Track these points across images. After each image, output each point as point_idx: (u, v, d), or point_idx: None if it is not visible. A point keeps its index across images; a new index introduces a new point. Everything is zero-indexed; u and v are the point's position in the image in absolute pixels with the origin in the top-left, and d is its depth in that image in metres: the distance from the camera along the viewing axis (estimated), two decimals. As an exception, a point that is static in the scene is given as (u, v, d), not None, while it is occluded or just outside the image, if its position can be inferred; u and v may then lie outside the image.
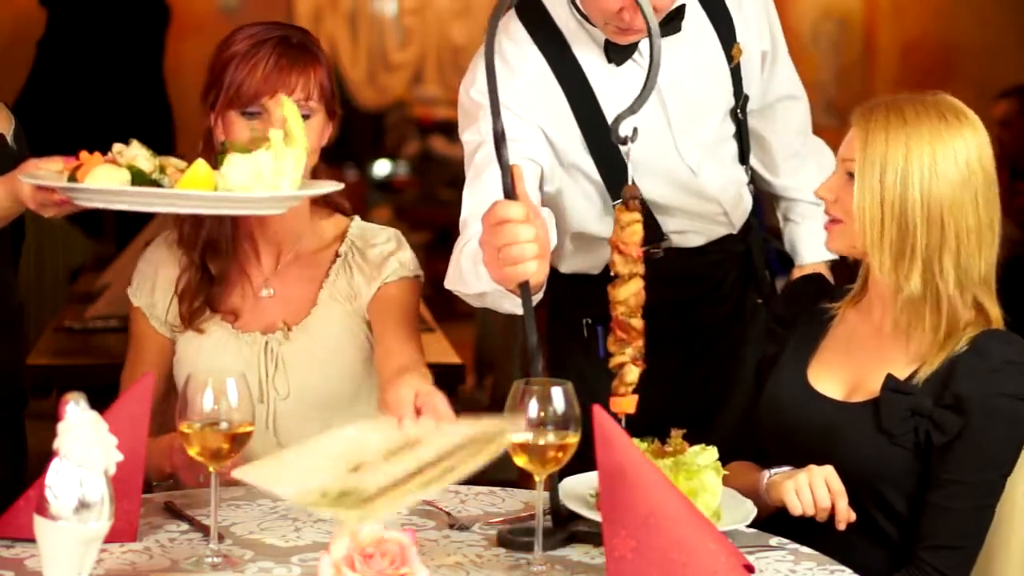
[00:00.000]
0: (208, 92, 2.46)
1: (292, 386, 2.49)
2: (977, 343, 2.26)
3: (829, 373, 2.39)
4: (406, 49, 10.79)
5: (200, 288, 2.50)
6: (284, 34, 2.45)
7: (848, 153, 2.31)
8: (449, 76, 10.85)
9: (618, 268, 2.25)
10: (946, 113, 2.28)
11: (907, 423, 2.26)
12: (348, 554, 1.77)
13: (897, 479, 2.28)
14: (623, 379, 2.25)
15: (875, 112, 2.29)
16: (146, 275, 2.57)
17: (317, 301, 2.54)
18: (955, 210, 2.26)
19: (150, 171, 2.15)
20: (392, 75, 10.72)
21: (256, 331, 2.51)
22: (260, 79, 2.40)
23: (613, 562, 1.91)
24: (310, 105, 2.43)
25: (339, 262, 2.56)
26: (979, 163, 2.30)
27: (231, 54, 2.43)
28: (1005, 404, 2.22)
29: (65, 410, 1.71)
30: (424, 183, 9.96)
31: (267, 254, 2.56)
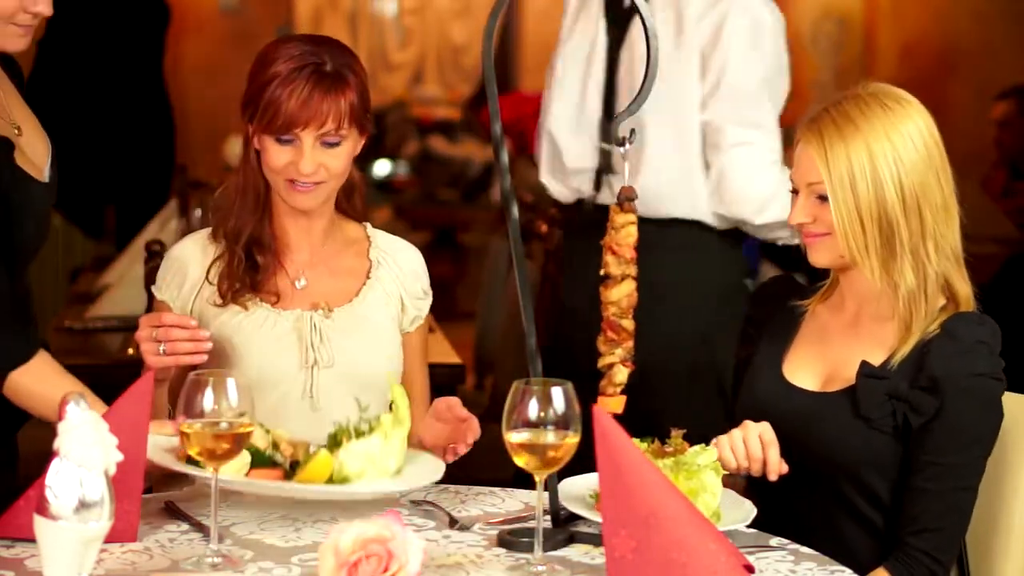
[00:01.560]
0: (247, 104, 2.54)
1: (336, 357, 2.54)
2: (948, 326, 2.30)
3: (804, 367, 2.42)
4: (406, 49, 10.80)
5: (245, 273, 2.56)
6: (320, 60, 2.50)
7: (812, 176, 2.33)
8: (449, 76, 10.86)
9: (611, 269, 2.25)
10: (887, 102, 2.33)
11: (884, 407, 2.29)
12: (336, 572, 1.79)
13: (879, 464, 2.30)
14: (612, 379, 2.26)
15: (824, 125, 2.32)
16: (173, 271, 2.60)
17: (359, 294, 2.61)
18: (926, 193, 2.31)
19: (265, 448, 2.24)
20: (392, 75, 10.73)
21: (298, 308, 2.56)
22: (292, 109, 2.47)
23: (613, 562, 1.91)
24: (340, 133, 2.51)
25: (377, 269, 2.64)
26: (932, 139, 2.34)
27: (272, 74, 2.49)
28: (979, 383, 2.26)
29: (65, 410, 1.72)
30: (424, 183, 9.96)
31: (299, 251, 2.61)
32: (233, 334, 2.54)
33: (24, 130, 2.60)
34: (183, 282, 2.59)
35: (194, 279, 2.59)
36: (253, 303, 2.56)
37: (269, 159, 2.52)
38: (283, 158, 2.50)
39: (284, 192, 2.54)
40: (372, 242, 2.68)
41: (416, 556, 1.80)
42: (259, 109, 2.50)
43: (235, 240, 2.57)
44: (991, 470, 2.39)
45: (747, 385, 2.47)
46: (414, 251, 2.72)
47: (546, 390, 1.98)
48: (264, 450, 2.24)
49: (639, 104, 2.25)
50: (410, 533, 1.82)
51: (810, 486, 2.34)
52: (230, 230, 2.58)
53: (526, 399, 1.98)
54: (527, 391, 1.98)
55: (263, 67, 2.52)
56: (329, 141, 2.50)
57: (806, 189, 2.34)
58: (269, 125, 2.49)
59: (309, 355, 2.54)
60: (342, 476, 2.19)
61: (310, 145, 2.49)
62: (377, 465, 2.21)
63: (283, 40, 2.57)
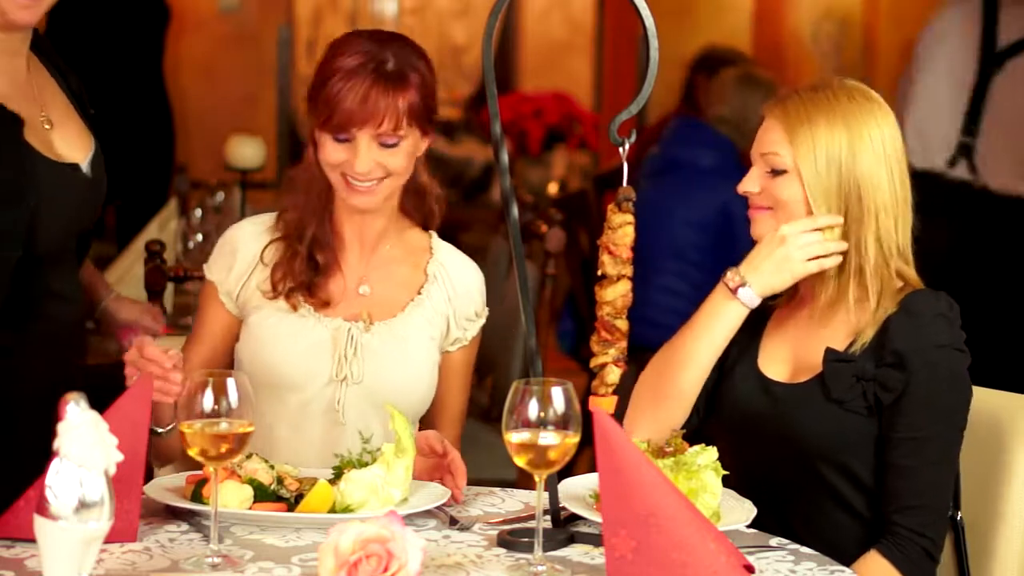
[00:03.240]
0: (310, 96, 2.51)
1: (366, 375, 2.51)
2: (905, 303, 2.35)
3: (775, 360, 2.45)
4: (406, 49, 10.79)
5: (303, 272, 2.54)
6: (383, 58, 2.46)
7: (769, 147, 2.38)
8: (449, 76, 10.85)
9: (606, 269, 2.26)
10: (855, 96, 2.40)
11: (854, 389, 2.32)
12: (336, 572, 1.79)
13: (856, 446, 2.33)
14: (604, 379, 2.26)
15: (791, 104, 2.38)
16: (225, 252, 2.59)
17: (405, 310, 2.57)
18: (875, 188, 2.36)
19: (269, 483, 2.25)
20: (392, 75, 10.72)
21: (339, 317, 2.54)
22: (349, 108, 2.44)
23: (613, 562, 1.91)
24: (398, 133, 2.47)
25: (431, 285, 2.60)
26: (891, 142, 2.39)
27: (334, 70, 2.46)
28: (942, 355, 2.30)
29: (65, 410, 1.72)
30: (424, 183, 9.95)
31: (354, 252, 2.59)
32: (270, 333, 2.52)
33: (59, 125, 2.64)
34: (232, 265, 2.57)
35: (245, 263, 2.56)
36: (301, 304, 2.53)
37: (325, 155, 2.49)
38: (338, 156, 2.47)
39: (342, 190, 2.51)
40: (433, 255, 2.63)
41: (416, 556, 1.80)
42: (319, 104, 2.47)
43: (298, 237, 2.55)
44: (990, 470, 2.39)
45: (725, 383, 2.48)
46: (474, 270, 2.67)
47: (546, 390, 1.98)
48: (268, 485, 2.24)
49: (639, 104, 2.26)
50: (410, 533, 1.82)
51: (793, 476, 2.36)
52: (293, 225, 2.56)
53: (526, 399, 1.98)
54: (527, 391, 1.98)
55: (328, 61, 2.49)
56: (387, 142, 2.46)
57: (760, 160, 2.40)
58: (326, 122, 2.46)
59: (341, 369, 2.51)
60: (344, 506, 2.20)
61: (365, 145, 2.45)
62: (380, 495, 2.21)
63: (354, 34, 2.53)
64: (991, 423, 2.42)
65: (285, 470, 2.29)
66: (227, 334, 2.59)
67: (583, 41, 10.48)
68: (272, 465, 2.28)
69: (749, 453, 2.39)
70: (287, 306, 2.53)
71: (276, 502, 2.23)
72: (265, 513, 2.19)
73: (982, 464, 2.38)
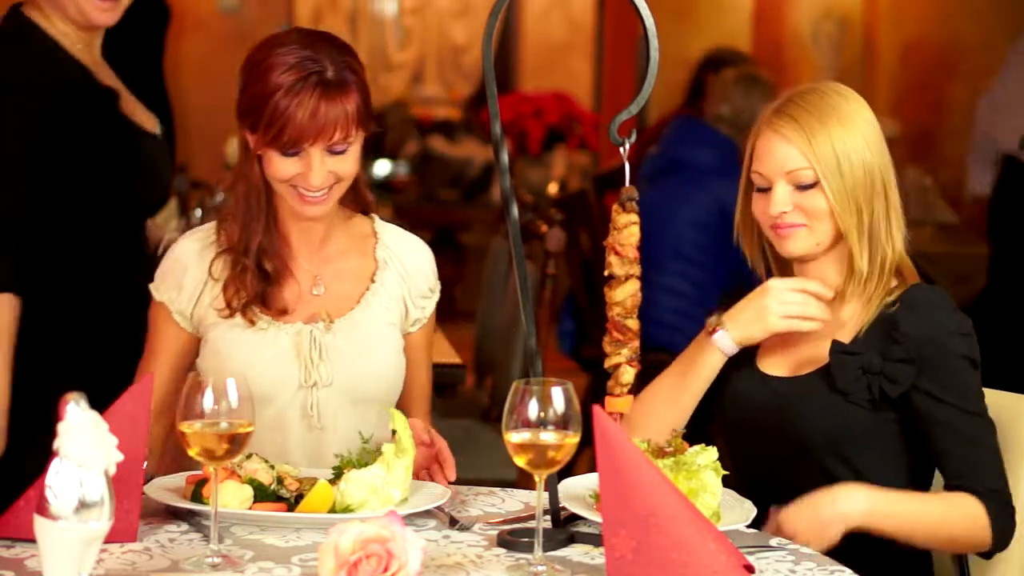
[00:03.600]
0: (246, 113, 2.45)
1: (335, 375, 2.50)
2: (906, 298, 2.36)
3: (774, 358, 2.46)
4: (406, 49, 10.80)
5: (255, 285, 2.50)
6: (321, 66, 2.41)
7: (790, 164, 2.36)
8: (449, 76, 10.86)
9: (614, 269, 2.26)
10: (842, 91, 2.41)
11: (859, 382, 2.33)
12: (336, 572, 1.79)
13: (858, 439, 2.34)
14: (619, 379, 2.26)
15: (797, 114, 2.37)
16: (171, 272, 2.55)
17: (361, 301, 2.55)
18: (888, 174, 2.39)
19: (269, 483, 2.25)
20: (392, 75, 10.73)
21: (298, 321, 2.52)
22: (300, 125, 2.39)
23: (613, 562, 1.91)
24: (348, 140, 2.44)
25: (382, 271, 2.58)
26: (877, 124, 2.42)
27: (274, 86, 2.40)
28: (953, 340, 2.32)
29: (65, 410, 1.71)
30: (424, 183, 9.96)
31: (303, 254, 2.56)
32: (232, 346, 2.49)
33: (126, 99, 2.89)
34: (181, 284, 2.53)
35: (195, 282, 2.53)
36: (259, 317, 2.50)
37: (274, 171, 2.45)
38: (289, 170, 2.43)
39: (293, 201, 2.47)
40: (380, 239, 2.62)
41: (416, 556, 1.80)
42: (262, 122, 2.41)
43: (244, 251, 2.50)
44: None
45: (723, 389, 2.49)
46: (422, 248, 2.66)
47: (546, 390, 1.97)
48: (268, 485, 2.24)
49: (639, 104, 2.26)
50: (410, 533, 1.82)
51: (795, 472, 2.36)
52: (238, 241, 2.51)
53: (526, 399, 1.98)
54: (527, 391, 1.98)
55: (260, 75, 2.43)
56: (336, 150, 2.43)
57: (785, 178, 2.37)
58: (275, 140, 2.41)
59: (308, 374, 2.49)
60: (344, 506, 2.20)
61: (318, 158, 2.42)
62: (380, 495, 2.20)
63: (275, 43, 2.46)
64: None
65: (285, 470, 2.29)
66: (186, 352, 2.56)
67: (583, 41, 10.49)
68: (272, 465, 2.28)
69: (750, 451, 2.40)
70: (244, 322, 2.49)
71: (276, 502, 2.23)
72: (265, 513, 2.19)
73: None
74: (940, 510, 2.27)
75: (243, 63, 2.49)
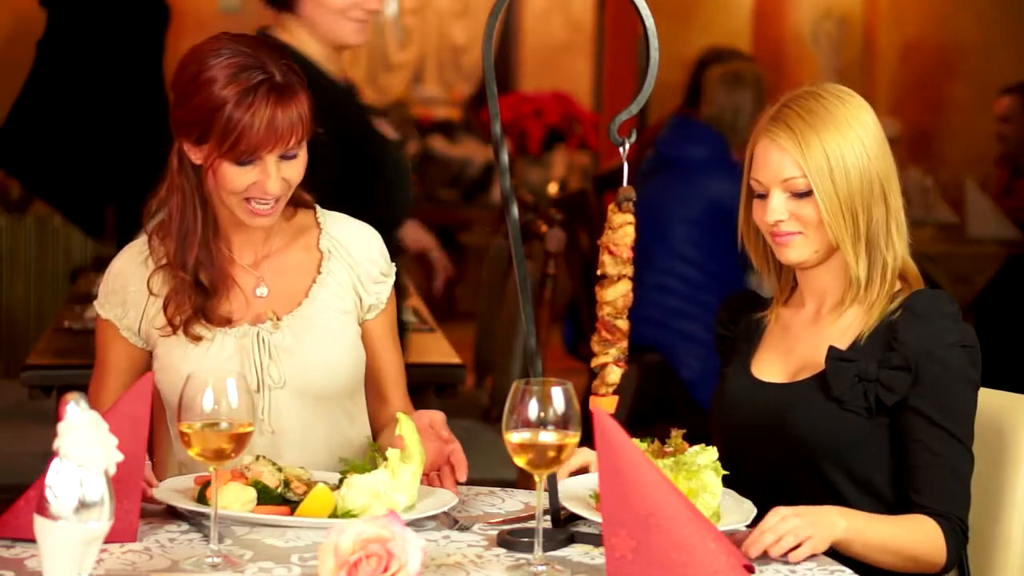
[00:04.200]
0: (191, 126, 2.39)
1: (286, 375, 2.47)
2: (909, 304, 2.34)
3: (771, 364, 2.45)
4: (406, 49, 10.80)
5: (194, 300, 2.45)
6: (267, 72, 2.37)
7: (786, 172, 2.35)
8: (449, 76, 10.86)
9: (607, 269, 2.26)
10: (840, 95, 2.39)
11: (855, 389, 2.32)
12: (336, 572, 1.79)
13: (855, 444, 2.33)
14: (604, 379, 2.26)
15: (791, 120, 2.35)
16: (114, 289, 2.51)
17: (308, 294, 2.51)
18: (889, 178, 2.37)
19: (275, 486, 2.23)
20: (392, 75, 10.73)
21: (245, 323, 2.48)
22: (257, 134, 2.34)
23: (613, 562, 1.91)
24: (300, 144, 2.40)
25: (328, 261, 2.54)
26: (880, 128, 2.39)
27: (221, 97, 2.35)
28: (953, 354, 2.30)
29: (65, 410, 1.71)
30: (424, 183, 9.96)
31: (245, 259, 2.52)
32: (180, 362, 2.43)
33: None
34: (125, 300, 2.49)
35: (139, 297, 2.49)
36: (201, 332, 2.45)
37: (227, 182, 2.39)
38: (245, 180, 2.38)
39: (242, 212, 2.42)
40: (323, 229, 2.56)
41: (416, 556, 1.80)
42: (213, 134, 2.35)
43: (181, 267, 2.44)
44: (991, 470, 2.39)
45: (717, 394, 2.50)
46: (368, 232, 2.59)
47: (546, 390, 1.97)
48: (275, 488, 2.23)
49: (639, 104, 2.25)
50: (410, 533, 1.82)
51: (793, 477, 2.36)
52: (174, 256, 2.45)
53: (526, 399, 1.98)
54: (527, 391, 1.98)
55: (201, 86, 2.37)
56: (289, 155, 2.39)
57: (781, 186, 2.36)
58: (231, 151, 2.35)
59: (261, 377, 2.45)
60: (345, 511, 2.18)
61: (274, 166, 2.37)
62: (383, 500, 2.18)
63: (209, 51, 2.40)
64: (991, 423, 2.42)
65: (296, 473, 2.27)
66: (139, 367, 2.52)
67: (583, 41, 10.49)
68: (280, 468, 2.26)
69: (748, 455, 2.38)
70: (187, 339, 2.45)
71: (281, 505, 2.22)
72: (264, 516, 2.18)
73: (982, 464, 2.38)
74: (909, 534, 2.23)
75: (176, 75, 2.43)
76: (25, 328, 6.55)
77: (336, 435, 2.52)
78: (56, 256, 6.76)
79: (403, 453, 2.21)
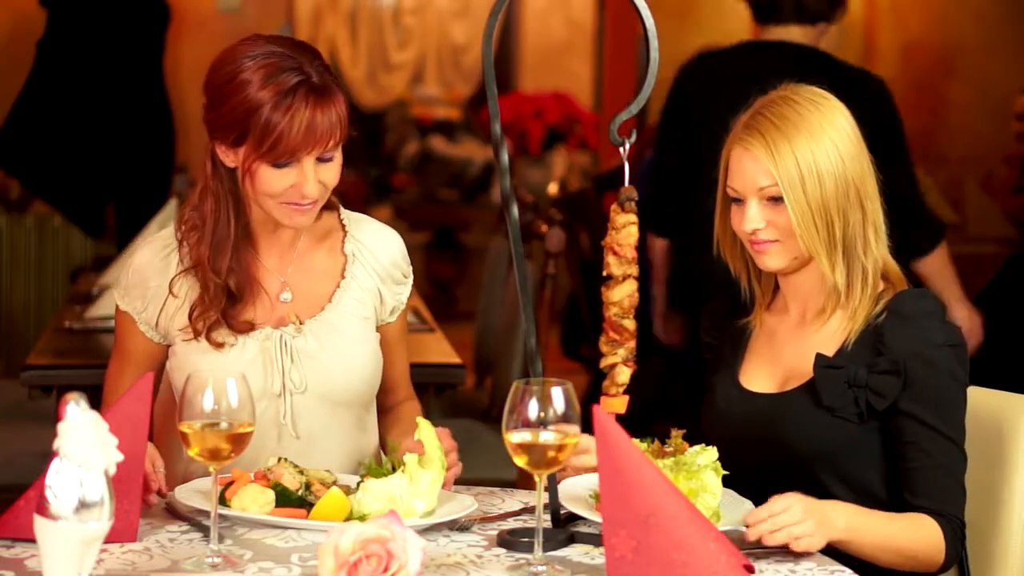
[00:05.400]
0: (227, 128, 2.36)
1: (308, 380, 2.46)
2: (893, 306, 2.34)
3: (759, 373, 2.44)
4: (406, 49, 10.80)
5: (221, 306, 2.44)
6: (304, 72, 2.34)
7: (761, 180, 2.33)
8: (449, 76, 10.86)
9: (612, 269, 2.25)
10: (815, 99, 2.36)
11: (846, 396, 2.31)
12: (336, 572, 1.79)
13: (847, 450, 2.33)
14: (614, 380, 2.25)
15: (764, 128, 2.34)
16: (134, 283, 2.50)
17: (332, 299, 2.51)
18: (864, 182, 2.35)
19: (296, 488, 2.22)
20: (392, 75, 10.73)
21: (267, 326, 2.47)
22: (297, 136, 2.32)
23: (613, 562, 1.91)
24: (337, 147, 2.39)
25: (352, 265, 2.53)
26: (855, 130, 2.37)
27: (258, 98, 2.32)
28: (939, 354, 2.29)
29: (65, 410, 1.71)
30: (424, 183, 9.97)
31: (271, 262, 2.51)
32: (200, 361, 2.42)
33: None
34: (145, 295, 2.48)
35: (158, 292, 2.47)
36: (224, 338, 2.43)
37: (264, 185, 2.37)
38: (283, 182, 2.36)
39: (280, 213, 2.40)
40: (347, 232, 2.55)
41: (416, 556, 1.80)
42: (251, 137, 2.33)
43: (215, 272, 2.42)
44: (990, 470, 2.39)
45: (707, 404, 2.49)
46: (391, 236, 2.58)
47: (546, 390, 1.97)
48: (295, 491, 2.22)
49: (638, 104, 2.25)
50: (410, 533, 1.82)
51: (787, 483, 2.34)
52: (209, 260, 2.43)
53: (526, 399, 1.98)
54: (527, 391, 1.98)
55: (237, 88, 2.34)
56: (325, 157, 2.37)
57: (757, 194, 2.34)
58: (269, 153, 2.33)
59: (279, 381, 2.44)
60: (360, 515, 2.17)
61: (311, 168, 2.36)
62: (399, 506, 2.16)
63: (243, 53, 2.37)
64: (991, 423, 2.42)
65: (319, 476, 2.26)
66: (155, 359, 2.52)
67: (583, 41, 10.49)
68: (301, 471, 2.25)
69: (740, 465, 2.35)
70: (209, 345, 2.43)
71: (299, 507, 2.20)
72: (277, 519, 2.17)
73: (982, 464, 2.38)
74: (908, 532, 2.24)
75: (210, 77, 2.40)
76: (25, 328, 6.56)
77: (348, 443, 2.52)
78: (56, 256, 6.76)
79: (422, 458, 2.20)
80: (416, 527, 2.10)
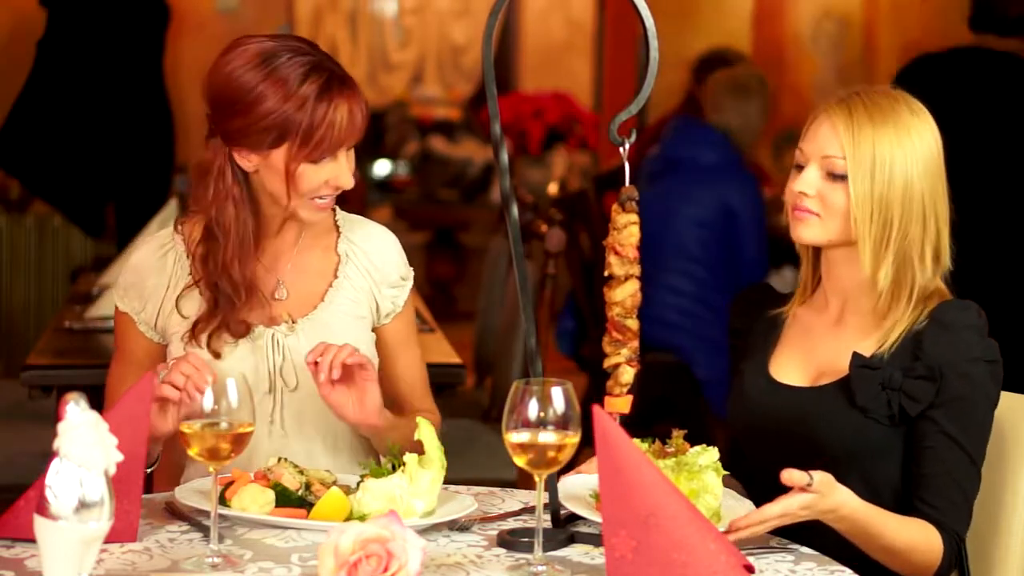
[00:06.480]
0: (263, 132, 2.35)
1: (300, 378, 2.46)
2: (936, 315, 2.32)
3: (791, 366, 2.43)
4: (406, 49, 10.80)
5: (224, 314, 2.43)
6: (329, 64, 2.35)
7: (830, 149, 2.31)
8: (449, 76, 10.86)
9: (614, 269, 2.25)
10: (912, 106, 2.35)
11: (879, 398, 2.30)
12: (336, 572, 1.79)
13: (876, 452, 2.32)
14: (618, 380, 2.25)
15: (854, 106, 2.32)
16: (132, 283, 2.50)
17: (324, 298, 2.51)
18: (935, 203, 2.33)
19: (295, 488, 2.22)
20: (392, 75, 10.74)
21: (260, 325, 2.48)
22: (340, 132, 2.34)
23: (613, 562, 1.91)
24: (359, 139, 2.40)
25: (345, 265, 2.53)
26: (941, 156, 2.35)
27: (300, 99, 2.32)
28: (976, 368, 2.28)
29: (65, 410, 1.71)
30: (424, 183, 9.97)
31: (269, 259, 2.51)
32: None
33: None
34: (143, 294, 2.49)
35: (156, 291, 2.48)
36: (222, 346, 2.43)
37: (304, 183, 2.37)
38: (321, 177, 2.37)
39: (306, 209, 2.41)
40: (341, 233, 2.55)
41: (416, 556, 1.80)
42: (291, 135, 2.33)
43: (226, 280, 2.42)
44: (991, 470, 2.39)
45: (735, 391, 2.48)
46: (387, 237, 2.58)
47: (546, 390, 1.97)
48: (295, 491, 2.22)
49: (638, 104, 2.25)
50: (410, 533, 1.82)
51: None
52: (219, 271, 2.42)
53: (526, 399, 1.98)
54: (527, 391, 1.98)
55: (270, 88, 2.33)
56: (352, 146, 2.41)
57: (820, 161, 2.32)
58: (316, 150, 2.34)
59: (274, 379, 2.45)
60: (360, 515, 2.17)
61: (346, 159, 2.37)
62: (399, 506, 2.16)
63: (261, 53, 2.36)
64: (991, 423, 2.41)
65: (319, 476, 2.26)
66: (154, 358, 2.51)
67: (583, 41, 10.49)
68: (301, 471, 2.25)
69: (765, 456, 2.35)
70: (208, 353, 2.43)
71: (299, 507, 2.20)
72: (279, 519, 2.17)
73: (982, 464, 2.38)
74: (913, 535, 2.23)
75: (224, 87, 2.37)
76: (25, 328, 6.56)
77: (340, 442, 2.52)
78: (56, 256, 6.76)
79: (422, 458, 2.19)
80: (416, 527, 2.10)
